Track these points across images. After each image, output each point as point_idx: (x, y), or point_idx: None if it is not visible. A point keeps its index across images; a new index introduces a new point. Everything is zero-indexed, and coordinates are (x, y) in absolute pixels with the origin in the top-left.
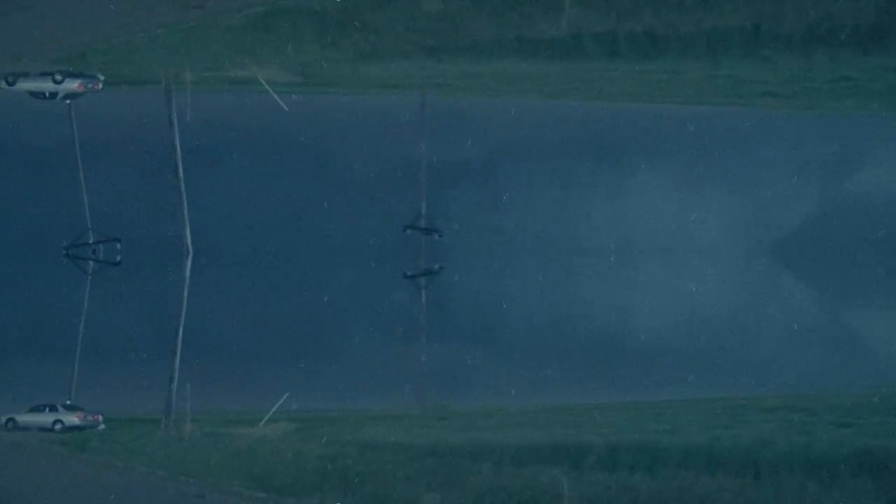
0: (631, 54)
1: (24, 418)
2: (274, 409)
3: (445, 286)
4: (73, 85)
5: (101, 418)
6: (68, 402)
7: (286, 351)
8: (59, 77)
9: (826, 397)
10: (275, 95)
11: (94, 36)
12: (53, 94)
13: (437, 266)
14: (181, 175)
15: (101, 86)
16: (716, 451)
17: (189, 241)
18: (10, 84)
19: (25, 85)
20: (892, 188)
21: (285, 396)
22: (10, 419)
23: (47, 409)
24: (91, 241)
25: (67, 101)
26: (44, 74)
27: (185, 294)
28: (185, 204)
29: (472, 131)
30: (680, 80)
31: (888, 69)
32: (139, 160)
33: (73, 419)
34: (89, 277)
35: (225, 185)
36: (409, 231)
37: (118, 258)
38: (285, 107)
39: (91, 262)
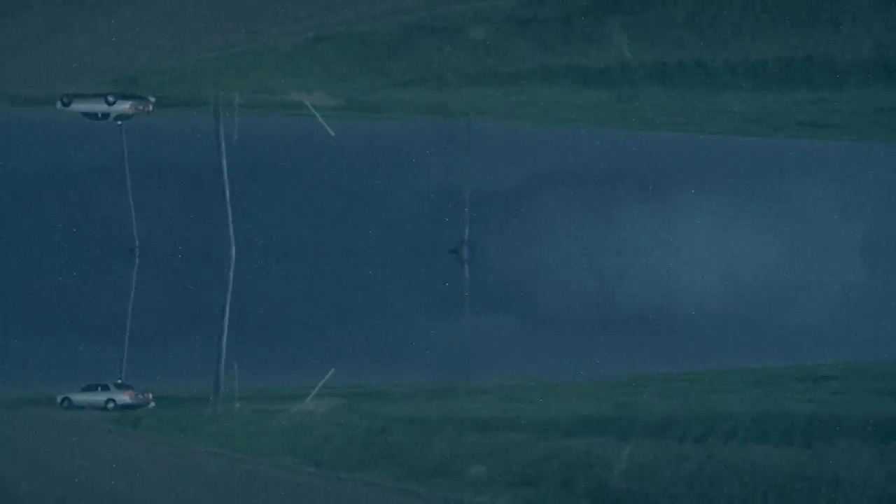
0: (677, 84)
1: (79, 397)
2: (320, 385)
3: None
4: (125, 107)
5: (151, 396)
6: (120, 382)
7: (331, 327)
8: (111, 99)
9: (877, 367)
10: (321, 120)
11: (147, 59)
12: (106, 115)
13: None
14: (228, 197)
15: (151, 108)
16: (763, 420)
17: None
18: (65, 105)
19: (79, 106)
20: None
21: (331, 372)
22: (65, 398)
23: (100, 389)
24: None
25: (119, 123)
26: (97, 96)
27: (231, 274)
28: (232, 226)
29: (516, 158)
30: (727, 109)
31: None
32: (187, 181)
33: (124, 398)
34: (137, 261)
35: (270, 209)
36: (452, 254)
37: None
38: (331, 131)
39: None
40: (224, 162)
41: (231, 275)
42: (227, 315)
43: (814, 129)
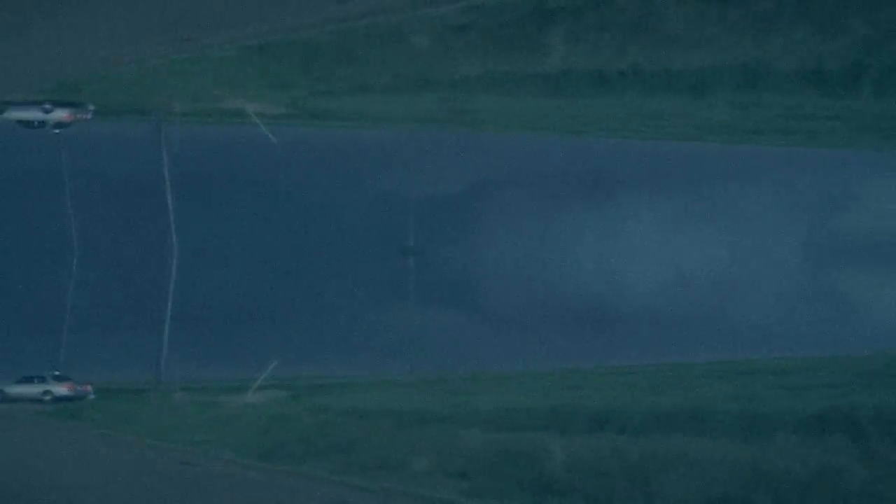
0: (618, 91)
1: (14, 389)
2: (263, 377)
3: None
4: (63, 115)
5: (90, 388)
6: (57, 373)
7: (275, 319)
8: (48, 106)
9: (812, 361)
10: (263, 128)
11: (85, 66)
12: (43, 124)
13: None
14: (170, 205)
15: (90, 116)
16: (703, 414)
17: (176, 250)
18: None
19: (15, 114)
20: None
21: (274, 364)
22: None
23: (36, 380)
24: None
25: (57, 131)
26: (34, 104)
27: (175, 267)
28: (174, 231)
29: (461, 165)
30: (667, 116)
31: (875, 107)
32: (129, 188)
33: (62, 389)
34: (75, 257)
35: (213, 216)
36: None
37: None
38: (274, 139)
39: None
40: (166, 169)
41: (174, 271)
42: (169, 306)
43: (752, 134)
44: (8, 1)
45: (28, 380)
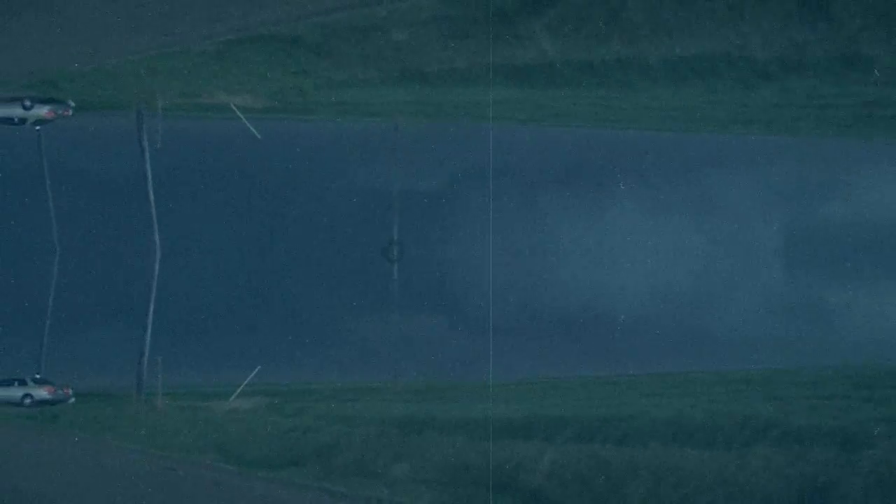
0: (603, 81)
1: None
2: (245, 383)
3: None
4: (43, 111)
5: (71, 392)
6: (38, 376)
7: (258, 325)
8: (28, 103)
9: (795, 373)
10: (246, 122)
11: (65, 62)
12: (23, 120)
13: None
14: (152, 200)
15: (71, 112)
16: (686, 424)
17: (158, 251)
18: None
19: None
20: (863, 213)
21: (257, 370)
22: None
23: (16, 384)
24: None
25: (37, 128)
26: (13, 100)
27: (156, 270)
28: (157, 227)
29: (443, 158)
30: (653, 106)
31: (858, 96)
32: (111, 185)
33: (42, 393)
34: (57, 259)
35: (195, 211)
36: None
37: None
38: (258, 134)
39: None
40: (148, 165)
41: (156, 271)
42: (151, 311)
43: (733, 124)
44: None
45: (8, 383)
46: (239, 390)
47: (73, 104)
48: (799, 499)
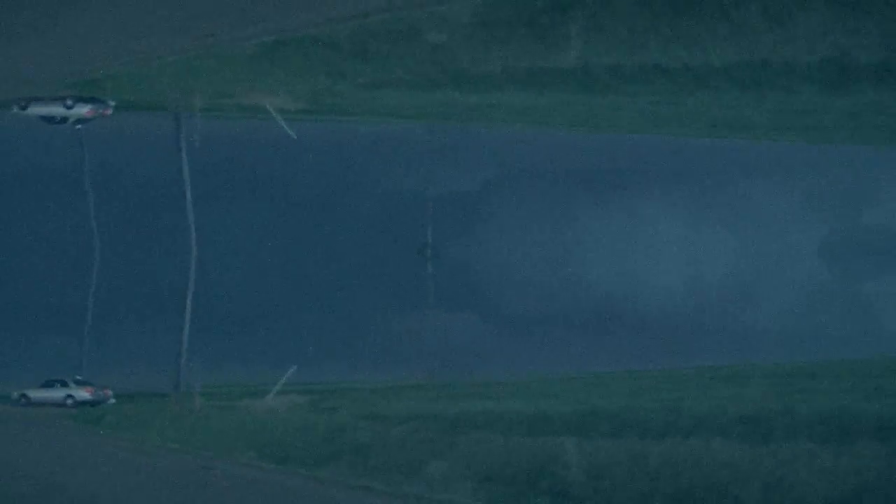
0: (638, 86)
1: (37, 394)
2: (282, 382)
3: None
4: (84, 110)
5: (111, 393)
6: (79, 378)
7: (294, 324)
8: (70, 102)
9: (832, 365)
10: (283, 123)
11: (106, 62)
12: (64, 119)
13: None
14: (189, 199)
15: (111, 111)
16: (725, 418)
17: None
18: (22, 108)
19: (37, 110)
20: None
21: (293, 369)
22: (22, 395)
23: (59, 385)
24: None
25: (78, 126)
26: (55, 99)
27: (193, 271)
28: (193, 228)
29: (479, 160)
30: (687, 112)
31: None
32: (148, 184)
33: (83, 394)
34: (97, 259)
35: (232, 212)
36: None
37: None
38: (293, 135)
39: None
40: (185, 165)
41: (192, 271)
42: (188, 310)
43: (773, 131)
44: None
45: (51, 384)
46: (276, 389)
47: (113, 104)
48: (844, 494)
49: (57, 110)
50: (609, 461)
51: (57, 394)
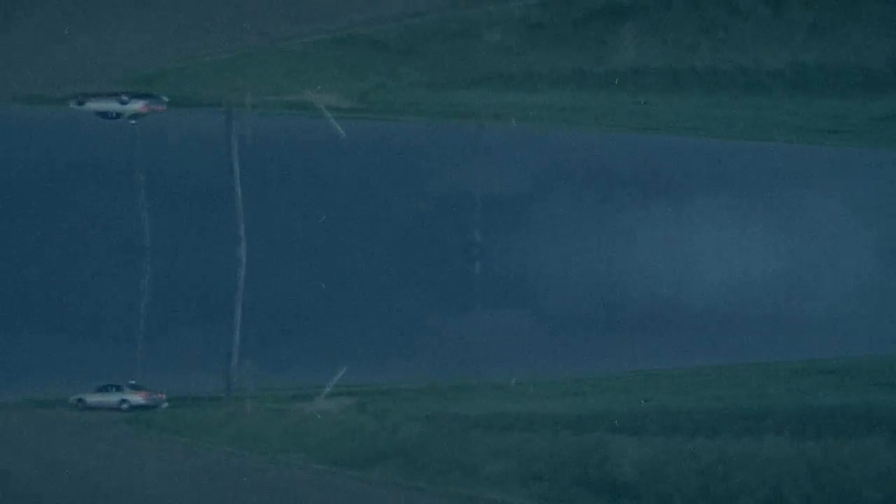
0: (690, 88)
1: (93, 398)
2: (332, 384)
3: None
4: (138, 106)
5: (164, 397)
6: (133, 382)
7: (342, 326)
8: (125, 98)
9: (882, 360)
10: (333, 121)
11: (160, 59)
12: (119, 115)
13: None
14: (239, 195)
15: (164, 107)
16: (775, 415)
17: (244, 251)
18: (79, 104)
19: (93, 105)
20: None
21: (343, 371)
22: (79, 399)
23: (114, 389)
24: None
25: (133, 122)
26: (111, 95)
27: (242, 273)
28: (243, 226)
29: (528, 161)
30: (739, 114)
31: None
32: (199, 180)
33: (137, 398)
34: (149, 261)
35: (281, 209)
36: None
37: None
38: (343, 132)
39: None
40: (235, 161)
41: (242, 274)
42: (238, 315)
43: (824, 134)
44: None
45: (105, 388)
46: (326, 391)
47: (166, 100)
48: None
49: (112, 106)
50: (663, 458)
51: (112, 398)
